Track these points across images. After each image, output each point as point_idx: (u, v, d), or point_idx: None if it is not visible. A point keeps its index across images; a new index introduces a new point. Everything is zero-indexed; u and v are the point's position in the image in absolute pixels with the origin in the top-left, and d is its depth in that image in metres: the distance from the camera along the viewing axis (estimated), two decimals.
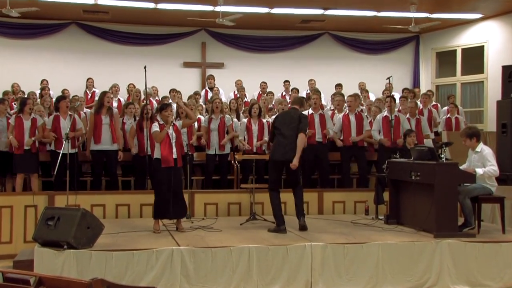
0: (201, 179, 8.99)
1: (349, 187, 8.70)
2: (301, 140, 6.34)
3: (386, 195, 7.41)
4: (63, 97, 8.35)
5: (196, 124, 8.85)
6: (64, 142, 6.70)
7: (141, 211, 7.55)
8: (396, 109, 9.06)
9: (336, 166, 9.29)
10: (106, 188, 8.36)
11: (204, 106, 10.66)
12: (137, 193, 7.82)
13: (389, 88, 9.24)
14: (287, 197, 6.99)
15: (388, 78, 8.76)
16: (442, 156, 6.29)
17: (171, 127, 6.34)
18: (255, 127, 8.63)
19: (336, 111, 9.38)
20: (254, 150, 8.54)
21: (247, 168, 8.46)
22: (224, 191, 8.17)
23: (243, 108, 10.14)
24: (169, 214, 6.25)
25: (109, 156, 8.05)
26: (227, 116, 8.80)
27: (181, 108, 7.86)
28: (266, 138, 8.66)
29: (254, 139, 8.61)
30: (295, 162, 6.27)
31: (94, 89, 11.62)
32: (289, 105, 6.90)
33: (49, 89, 10.82)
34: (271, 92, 11.53)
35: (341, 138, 8.85)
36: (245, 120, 8.82)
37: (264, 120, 8.80)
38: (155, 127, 6.33)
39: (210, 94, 11.59)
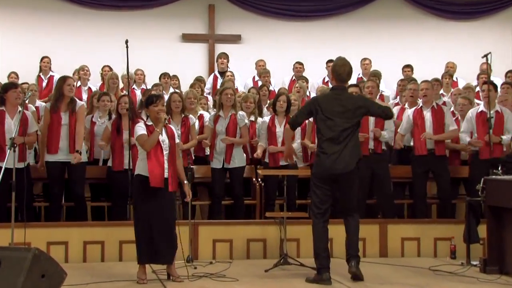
0: (207, 205, 8.96)
1: (425, 216, 8.63)
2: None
3: (482, 230, 7.35)
4: (12, 84, 8.33)
5: (197, 123, 8.84)
6: (8, 151, 6.68)
7: (121, 251, 7.54)
8: (497, 101, 8.91)
9: (406, 185, 9.17)
10: (69, 218, 8.35)
11: (210, 98, 10.63)
12: (115, 225, 7.80)
13: (486, 71, 9.12)
14: (334, 232, 6.92)
15: (485, 56, 8.61)
16: None
17: (163, 129, 6.33)
18: (280, 129, 8.56)
19: (406, 105, 9.31)
20: (282, 162, 8.46)
21: (274, 189, 8.39)
22: (242, 222, 8.15)
23: (267, 101, 10.11)
24: (159, 257, 6.23)
25: (72, 171, 8.03)
26: (241, 113, 8.73)
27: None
28: (298, 141, 8.62)
29: (280, 145, 8.53)
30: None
31: (51, 73, 11.60)
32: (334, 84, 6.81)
33: None
34: (304, 78, 11.46)
35: (411, 143, 8.76)
36: (267, 118, 8.74)
37: None
38: (140, 129, 6.32)
39: (220, 82, 11.61)
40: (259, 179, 8.65)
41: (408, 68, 12.06)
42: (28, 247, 5.71)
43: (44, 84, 11.52)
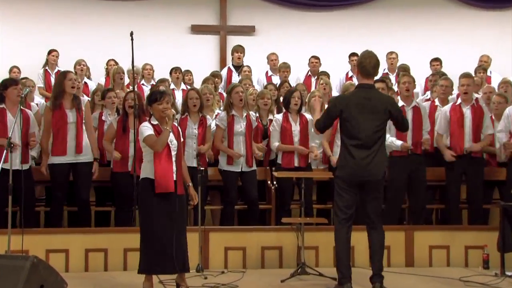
0: (218, 210, 8.97)
1: (456, 222, 8.60)
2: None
3: None
4: (12, 81, 8.38)
5: (214, 123, 8.80)
6: (6, 151, 6.68)
7: (125, 260, 7.56)
8: None
9: (437, 189, 9.15)
10: (71, 224, 8.38)
11: (224, 94, 10.59)
12: (119, 231, 7.82)
13: None
14: (356, 239, 6.92)
15: None
16: None
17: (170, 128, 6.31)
18: (296, 127, 8.55)
19: (438, 102, 9.27)
20: (296, 163, 8.46)
21: (289, 192, 8.39)
22: (256, 228, 8.13)
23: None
24: (168, 267, 6.18)
25: (78, 174, 8.04)
26: (252, 113, 8.75)
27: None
28: (316, 141, 8.63)
29: (296, 145, 8.52)
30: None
31: (58, 68, 11.68)
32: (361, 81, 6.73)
33: None
34: (325, 73, 11.41)
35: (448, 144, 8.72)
36: (279, 116, 8.70)
37: (309, 116, 8.67)
38: (147, 130, 6.29)
39: (235, 77, 11.59)
40: (275, 182, 8.62)
41: (437, 62, 12.01)
42: (26, 255, 5.73)
43: (52, 79, 11.51)
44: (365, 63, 6.49)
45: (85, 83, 11.10)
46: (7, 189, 6.59)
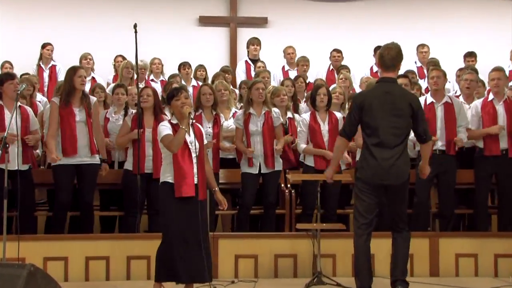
0: (229, 215, 8.97)
1: (484, 229, 8.59)
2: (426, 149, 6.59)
3: None
4: (9, 75, 8.41)
5: (231, 122, 8.83)
6: (1, 150, 6.69)
7: (129, 268, 7.55)
8: None
9: (464, 192, 9.15)
10: (72, 229, 8.39)
11: (237, 92, 10.58)
12: (122, 238, 7.84)
13: None
14: (377, 246, 6.94)
15: None
16: None
17: (190, 126, 6.33)
18: (324, 127, 8.53)
19: (462, 99, 9.27)
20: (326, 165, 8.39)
21: (307, 197, 8.37)
22: (268, 235, 8.14)
23: (305, 94, 10.08)
24: (183, 275, 6.20)
25: (83, 176, 8.04)
26: (275, 110, 8.66)
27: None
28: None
29: (327, 145, 8.46)
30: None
31: (53, 63, 11.79)
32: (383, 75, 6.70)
33: None
34: (346, 67, 11.41)
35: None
36: (306, 115, 8.68)
37: (339, 115, 8.65)
38: (165, 129, 6.30)
39: (253, 71, 11.59)
40: (289, 186, 8.61)
41: (471, 57, 11.86)
42: (22, 263, 5.77)
43: (45, 75, 11.60)
44: (384, 55, 6.51)
45: (93, 78, 11.15)
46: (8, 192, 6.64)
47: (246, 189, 8.47)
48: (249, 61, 12.01)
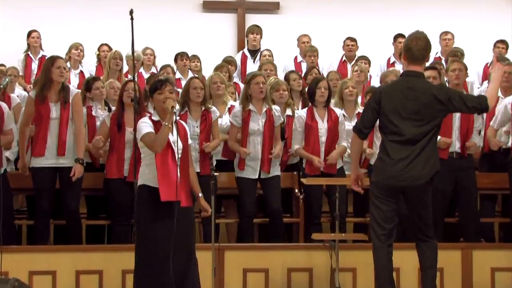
0: (235, 224, 9.00)
1: None
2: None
3: None
4: None
5: (226, 118, 8.86)
6: None
7: (124, 283, 7.55)
8: None
9: (496, 198, 9.14)
10: (58, 240, 8.43)
11: (240, 84, 10.61)
12: (116, 249, 7.83)
13: None
14: (400, 258, 6.98)
15: None
16: None
17: (173, 123, 6.29)
18: (323, 125, 8.51)
19: (500, 93, 9.14)
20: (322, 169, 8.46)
21: (319, 203, 8.44)
22: (280, 246, 8.17)
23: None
24: None
25: (64, 180, 8.03)
26: (275, 107, 8.65)
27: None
28: (349, 140, 8.52)
29: (322, 146, 8.49)
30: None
31: (42, 53, 11.82)
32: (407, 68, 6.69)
33: None
34: (364, 57, 11.42)
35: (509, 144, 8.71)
36: (303, 112, 8.65)
37: (339, 111, 8.63)
38: (145, 127, 6.33)
39: (250, 64, 11.62)
40: (302, 191, 8.62)
41: (502, 43, 11.89)
42: (6, 277, 5.74)
43: (34, 66, 11.66)
44: (411, 46, 6.43)
45: (81, 71, 11.19)
46: None
47: (247, 196, 8.47)
48: (247, 53, 12.02)
